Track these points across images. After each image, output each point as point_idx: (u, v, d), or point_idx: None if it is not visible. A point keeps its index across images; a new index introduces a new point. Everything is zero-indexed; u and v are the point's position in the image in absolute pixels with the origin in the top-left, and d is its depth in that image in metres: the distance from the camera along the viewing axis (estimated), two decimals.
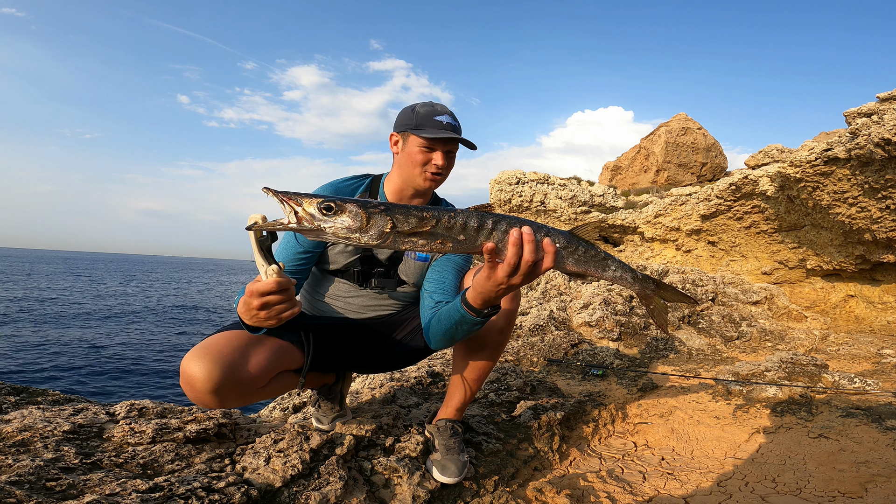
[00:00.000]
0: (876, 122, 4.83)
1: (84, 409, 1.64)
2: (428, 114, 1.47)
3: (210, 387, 1.19)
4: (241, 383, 1.26)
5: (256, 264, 1.07)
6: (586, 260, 1.07)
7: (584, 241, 1.07)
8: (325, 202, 0.90)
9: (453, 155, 1.52)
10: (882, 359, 3.90)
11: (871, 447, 2.02)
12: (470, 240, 0.98)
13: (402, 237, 0.95)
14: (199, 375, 1.18)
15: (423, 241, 0.96)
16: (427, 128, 1.45)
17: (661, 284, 1.20)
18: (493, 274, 1.03)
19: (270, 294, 1.05)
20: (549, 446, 1.99)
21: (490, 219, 0.98)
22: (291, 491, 1.29)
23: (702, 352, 4.26)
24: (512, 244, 0.97)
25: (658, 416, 2.52)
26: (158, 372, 9.81)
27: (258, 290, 1.05)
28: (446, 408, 1.65)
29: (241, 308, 1.13)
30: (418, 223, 0.95)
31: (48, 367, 9.54)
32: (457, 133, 1.47)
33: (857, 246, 5.73)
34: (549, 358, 3.53)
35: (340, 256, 1.57)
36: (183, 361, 1.22)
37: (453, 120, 1.49)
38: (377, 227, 0.93)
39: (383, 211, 0.93)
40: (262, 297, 1.05)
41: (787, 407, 2.55)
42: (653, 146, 21.11)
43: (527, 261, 0.99)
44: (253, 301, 1.06)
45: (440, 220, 0.96)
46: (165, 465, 1.32)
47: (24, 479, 1.11)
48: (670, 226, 8.07)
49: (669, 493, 1.70)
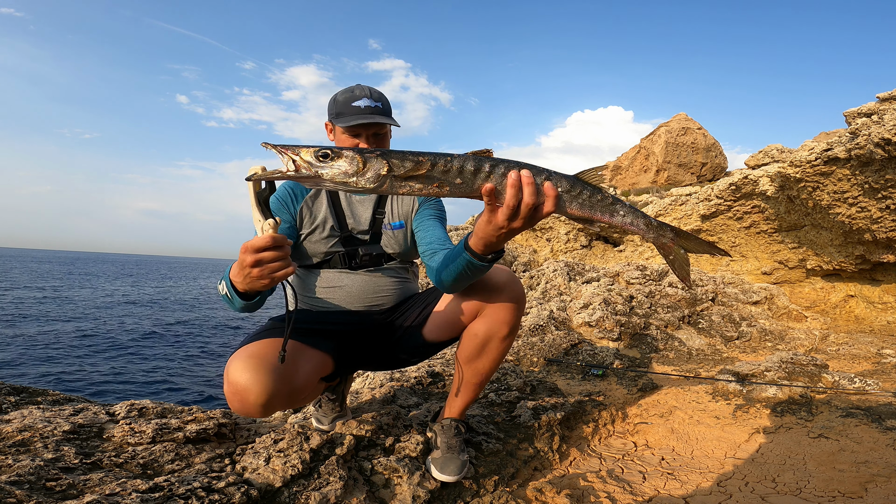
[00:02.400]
0: (876, 122, 4.83)
1: (84, 409, 1.64)
2: (346, 100, 1.50)
3: (264, 399, 1.18)
4: (291, 395, 1.27)
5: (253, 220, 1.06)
6: (592, 204, 1.03)
7: (589, 185, 1.03)
8: (322, 150, 0.93)
9: (382, 133, 1.54)
10: (882, 359, 3.90)
11: (871, 447, 2.02)
12: (467, 183, 0.98)
13: (399, 181, 0.96)
14: (254, 388, 1.17)
15: (419, 185, 0.97)
16: (346, 115, 1.48)
17: (681, 232, 1.12)
18: (494, 217, 1.01)
19: (265, 250, 1.03)
20: (549, 446, 1.99)
21: (487, 162, 0.98)
22: (291, 491, 1.29)
23: (702, 352, 4.26)
24: (511, 186, 0.95)
25: (658, 416, 2.52)
26: (159, 371, 9.81)
27: (253, 246, 1.03)
28: (450, 408, 1.65)
29: (234, 270, 1.10)
30: (414, 167, 0.95)
31: (48, 367, 9.54)
32: (376, 114, 1.48)
33: (857, 246, 5.73)
34: (549, 358, 3.53)
35: (319, 245, 1.57)
36: (231, 371, 1.20)
37: (373, 101, 1.50)
38: (373, 171, 0.94)
39: (379, 155, 0.95)
40: (257, 253, 1.03)
41: (787, 407, 2.55)
42: (653, 146, 21.11)
43: (527, 203, 0.96)
44: (247, 257, 1.03)
45: (436, 164, 0.96)
46: (165, 465, 1.32)
47: (24, 479, 1.11)
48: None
49: (669, 493, 1.70)
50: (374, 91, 1.54)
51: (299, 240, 1.58)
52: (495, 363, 1.54)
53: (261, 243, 1.02)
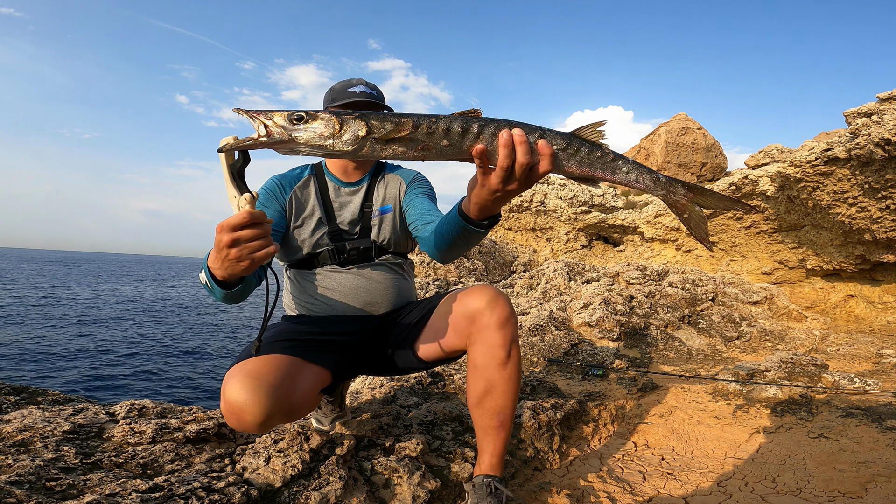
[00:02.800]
0: (876, 122, 4.83)
1: (84, 409, 1.64)
2: (342, 87, 1.53)
3: (261, 419, 1.14)
4: (290, 412, 1.23)
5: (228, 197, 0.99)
6: (591, 161, 0.96)
7: (587, 142, 0.96)
8: (296, 112, 0.88)
9: None
10: (882, 359, 3.90)
11: (871, 447, 2.02)
12: (455, 145, 0.91)
13: (380, 144, 0.90)
14: (251, 409, 1.13)
15: (402, 148, 0.91)
16: (341, 100, 1.50)
17: (696, 187, 1.02)
18: (487, 181, 0.94)
19: (243, 228, 0.94)
20: (549, 446, 1.99)
21: (476, 122, 0.92)
22: (291, 491, 1.29)
23: (702, 352, 4.26)
24: (503, 146, 0.89)
25: (658, 416, 2.52)
26: (158, 371, 9.81)
27: (228, 224, 0.94)
28: (480, 463, 1.45)
29: (211, 255, 1.02)
30: (395, 128, 0.90)
31: (48, 367, 9.54)
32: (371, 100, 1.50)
33: (857, 246, 5.73)
34: (549, 358, 3.53)
35: (307, 237, 1.56)
36: (227, 389, 1.15)
37: (368, 88, 1.52)
38: (351, 132, 0.89)
39: (358, 116, 0.90)
40: (233, 231, 0.94)
41: (787, 407, 2.55)
42: (653, 146, 21.08)
43: (521, 164, 0.90)
44: (223, 237, 0.94)
45: (419, 126, 0.90)
46: (165, 465, 1.32)
47: (24, 479, 1.11)
48: (670, 226, 8.07)
49: (669, 493, 1.70)
50: (370, 83, 1.56)
51: (289, 231, 1.56)
52: (509, 396, 1.38)
53: (237, 220, 0.94)
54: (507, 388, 1.37)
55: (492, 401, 1.37)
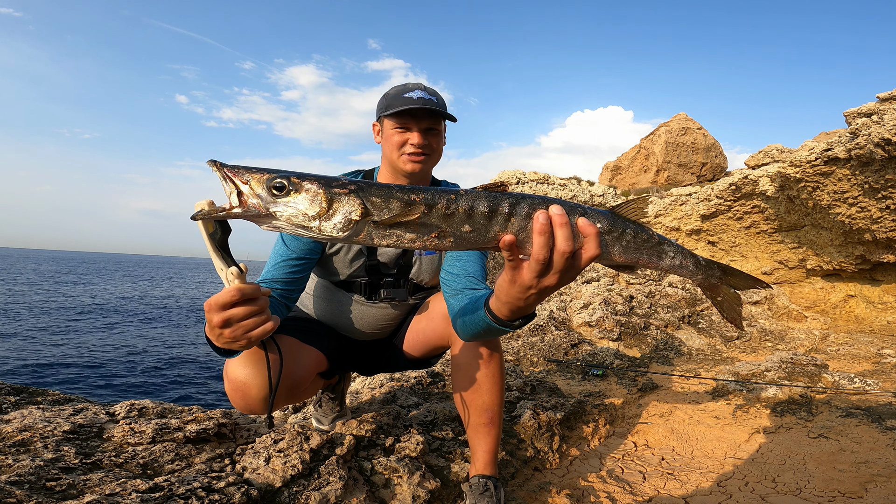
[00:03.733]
0: (876, 122, 4.83)
1: (84, 409, 1.64)
2: (398, 93, 1.37)
3: (265, 393, 1.15)
4: (291, 389, 1.25)
5: (215, 268, 0.87)
6: (637, 246, 0.81)
7: (631, 223, 0.81)
8: (277, 178, 0.69)
9: (436, 131, 1.39)
10: (882, 359, 3.90)
11: (871, 447, 2.02)
12: (479, 231, 0.73)
13: (382, 229, 0.71)
14: (255, 382, 1.14)
15: (410, 234, 0.72)
16: (396, 107, 1.34)
17: (729, 269, 0.95)
18: (518, 276, 0.77)
19: (233, 306, 0.85)
20: (549, 446, 1.99)
21: (505, 200, 0.73)
22: (291, 491, 1.29)
23: (702, 352, 4.26)
24: (538, 233, 0.71)
25: (658, 416, 2.52)
26: (158, 371, 9.81)
27: (217, 303, 0.85)
28: (474, 463, 1.45)
29: (207, 327, 0.92)
30: (403, 209, 0.70)
31: (48, 367, 9.54)
32: (430, 107, 1.32)
33: (857, 246, 5.73)
34: (549, 358, 3.53)
35: (343, 265, 1.45)
36: (230, 368, 1.17)
37: (427, 94, 1.36)
38: (343, 213, 0.70)
39: (352, 192, 0.70)
40: (224, 310, 0.85)
41: (787, 407, 2.55)
42: (653, 146, 21.10)
43: (562, 252, 0.72)
44: (213, 317, 0.85)
45: (435, 205, 0.71)
46: (165, 465, 1.32)
47: (24, 479, 1.11)
48: (670, 226, 8.07)
49: (669, 493, 1.70)
50: (428, 87, 1.40)
51: (323, 253, 1.43)
52: (495, 393, 1.38)
53: (226, 299, 0.84)
54: (492, 384, 1.36)
55: (479, 398, 1.37)
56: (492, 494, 1.38)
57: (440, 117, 1.38)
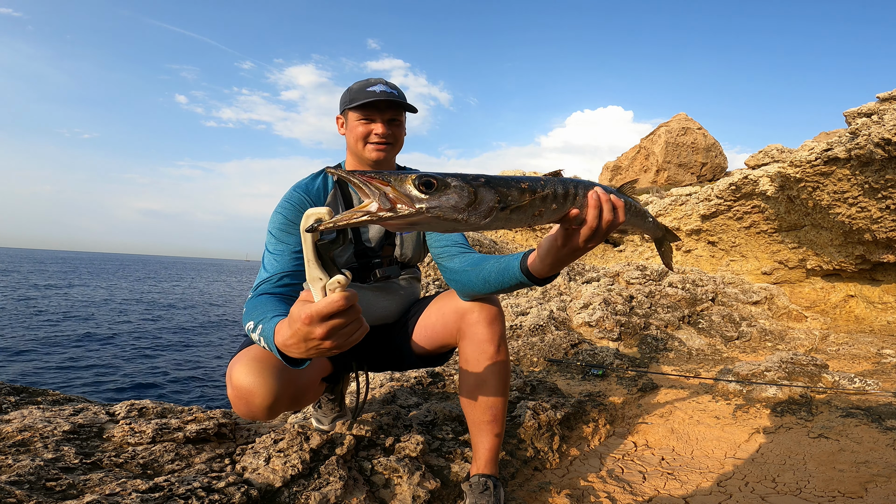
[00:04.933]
0: (876, 122, 4.83)
1: (84, 409, 1.64)
2: (361, 87, 1.44)
3: (270, 401, 1.16)
4: (295, 396, 1.25)
5: (308, 278, 0.81)
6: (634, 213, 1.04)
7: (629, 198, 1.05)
8: (424, 177, 0.71)
9: (398, 122, 1.47)
10: (882, 359, 3.90)
11: (871, 447, 2.02)
12: (560, 209, 0.88)
13: (505, 214, 0.80)
14: (259, 391, 1.14)
15: (520, 216, 0.82)
16: (360, 100, 1.41)
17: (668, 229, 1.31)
18: (571, 240, 0.95)
19: (339, 315, 0.81)
20: (549, 446, 1.99)
21: (571, 185, 0.90)
22: (291, 491, 1.29)
23: (702, 352, 4.26)
24: (593, 206, 0.90)
25: (658, 416, 2.52)
26: (159, 371, 9.81)
27: (320, 313, 0.80)
28: (476, 462, 1.48)
29: (286, 339, 0.89)
30: (519, 197, 0.80)
31: (48, 367, 9.54)
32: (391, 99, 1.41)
33: (857, 246, 5.73)
34: (549, 358, 3.53)
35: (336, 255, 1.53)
36: (234, 374, 1.17)
37: (388, 87, 1.44)
38: (486, 203, 0.76)
39: (485, 184, 0.78)
40: (328, 320, 0.81)
41: (787, 407, 2.56)
42: (653, 146, 21.09)
43: (608, 220, 0.92)
44: (315, 329, 0.81)
45: (536, 192, 0.83)
46: (165, 465, 1.32)
47: (24, 479, 1.11)
48: (670, 226, 8.07)
49: (669, 493, 1.70)
50: (390, 82, 1.48)
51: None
52: (500, 391, 1.42)
53: (332, 308, 0.80)
54: (497, 383, 1.40)
55: (483, 395, 1.41)
56: (491, 493, 1.40)
57: (402, 108, 1.46)
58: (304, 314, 0.81)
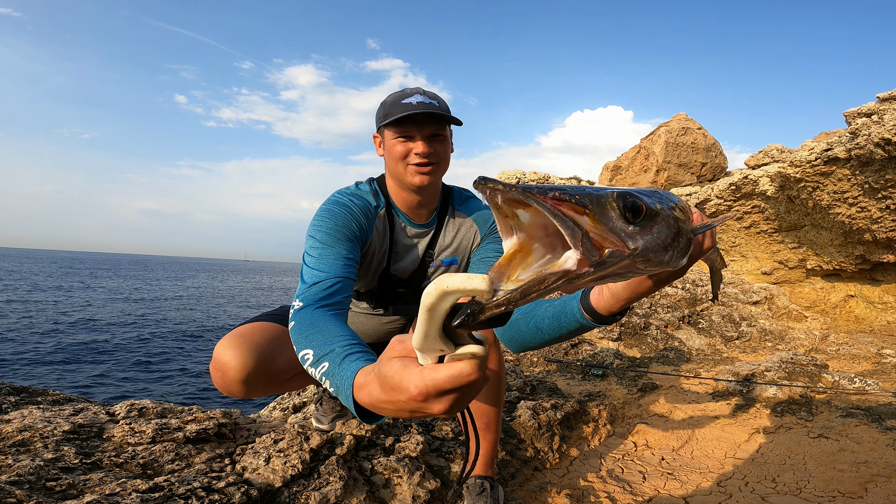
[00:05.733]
0: (876, 122, 4.83)
1: (84, 409, 1.64)
2: (396, 100, 1.24)
3: (242, 376, 1.18)
4: (272, 375, 1.25)
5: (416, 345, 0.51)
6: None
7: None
8: (630, 200, 0.50)
9: (442, 137, 1.27)
10: (882, 359, 3.90)
11: (871, 447, 2.02)
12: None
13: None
14: (233, 363, 1.17)
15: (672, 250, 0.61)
16: (395, 114, 1.21)
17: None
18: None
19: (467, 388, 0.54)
20: (548, 446, 1.99)
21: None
22: (291, 491, 1.29)
23: (702, 352, 4.26)
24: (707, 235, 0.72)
25: (658, 417, 2.52)
26: (159, 371, 9.81)
27: (438, 388, 0.53)
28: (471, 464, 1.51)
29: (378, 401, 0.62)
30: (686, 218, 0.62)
31: (48, 367, 9.55)
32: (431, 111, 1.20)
33: (857, 246, 5.73)
34: (549, 358, 3.53)
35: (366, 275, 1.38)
36: (217, 348, 1.21)
37: (427, 98, 1.23)
38: (685, 235, 0.58)
39: (672, 207, 0.58)
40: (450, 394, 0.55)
41: (787, 407, 2.56)
42: (653, 146, 21.08)
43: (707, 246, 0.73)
44: (431, 406, 0.56)
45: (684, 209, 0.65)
46: (165, 465, 1.32)
47: (24, 479, 1.11)
48: None
49: (669, 493, 1.70)
50: (428, 91, 1.28)
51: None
52: (494, 397, 1.38)
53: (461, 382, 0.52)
54: (489, 390, 1.37)
55: (477, 403, 1.38)
56: (488, 495, 1.41)
57: (444, 122, 1.26)
58: (417, 389, 0.54)
